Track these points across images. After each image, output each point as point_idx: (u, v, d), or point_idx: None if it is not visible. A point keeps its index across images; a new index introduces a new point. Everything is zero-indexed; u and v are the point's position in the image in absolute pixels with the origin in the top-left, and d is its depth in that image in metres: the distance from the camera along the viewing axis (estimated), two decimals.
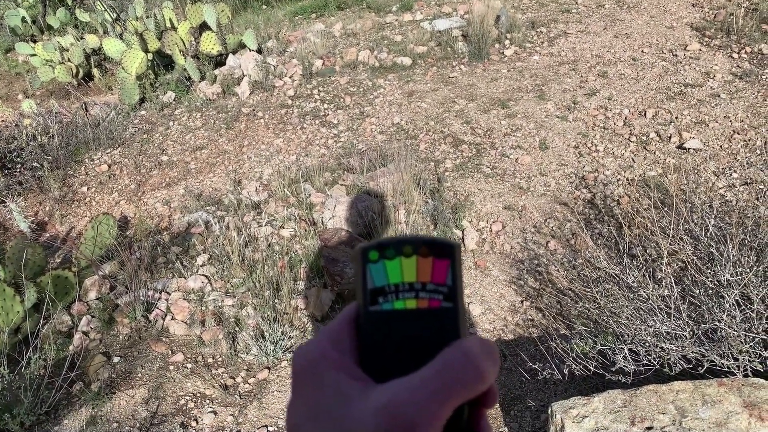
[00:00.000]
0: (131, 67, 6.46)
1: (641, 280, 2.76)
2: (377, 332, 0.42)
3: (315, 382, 0.40)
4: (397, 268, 0.42)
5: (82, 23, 8.98)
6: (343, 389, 0.39)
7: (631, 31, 6.43)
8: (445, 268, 0.42)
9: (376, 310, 0.42)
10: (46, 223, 5.08)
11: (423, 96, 5.90)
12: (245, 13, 9.18)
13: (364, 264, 0.43)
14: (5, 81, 8.29)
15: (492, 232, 4.16)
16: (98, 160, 5.77)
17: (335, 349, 0.42)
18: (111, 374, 3.48)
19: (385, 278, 0.42)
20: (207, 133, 5.90)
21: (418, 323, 0.42)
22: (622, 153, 4.69)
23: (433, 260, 0.42)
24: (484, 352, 0.39)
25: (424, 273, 0.42)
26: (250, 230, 4.32)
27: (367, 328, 0.43)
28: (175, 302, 3.82)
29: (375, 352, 0.42)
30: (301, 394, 0.41)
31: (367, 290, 0.42)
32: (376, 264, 0.42)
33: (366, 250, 0.43)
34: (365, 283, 0.42)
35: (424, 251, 0.42)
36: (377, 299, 0.42)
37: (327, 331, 0.44)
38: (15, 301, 3.54)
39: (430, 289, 0.42)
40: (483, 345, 0.39)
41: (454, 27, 6.95)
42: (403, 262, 0.42)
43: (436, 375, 0.37)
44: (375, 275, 0.42)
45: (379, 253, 0.42)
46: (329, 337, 0.43)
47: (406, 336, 0.42)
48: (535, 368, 2.89)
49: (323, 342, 0.42)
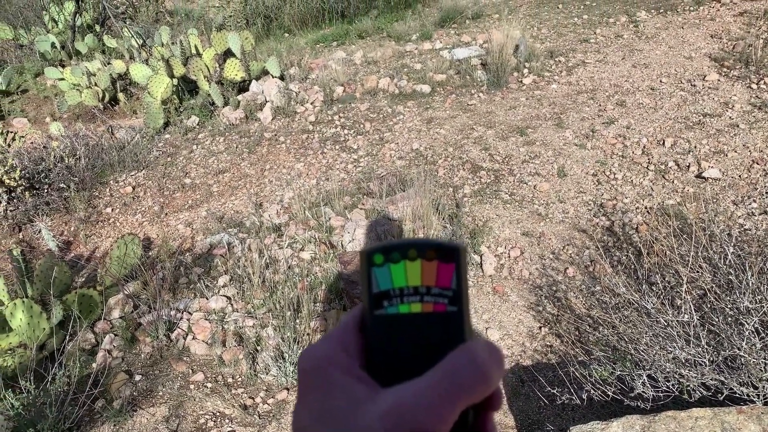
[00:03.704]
0: (157, 91, 6.63)
1: (660, 307, 2.77)
2: (382, 336, 0.42)
3: (321, 385, 0.40)
4: (402, 271, 0.42)
5: (109, 49, 9.23)
6: (350, 393, 0.39)
7: (650, 61, 6.49)
8: (450, 272, 0.42)
9: (381, 314, 0.42)
10: (71, 242, 5.19)
11: (442, 123, 5.98)
12: (268, 41, 9.38)
13: (369, 268, 0.43)
14: (34, 104, 8.51)
15: (510, 257, 4.19)
16: (123, 182, 5.89)
17: (341, 352, 0.42)
18: (133, 392, 3.52)
19: (390, 282, 0.42)
20: (229, 157, 6.02)
21: (423, 327, 0.42)
22: (640, 181, 4.72)
23: (437, 264, 0.42)
24: (489, 355, 0.39)
25: (429, 277, 0.42)
26: (270, 252, 4.38)
27: (373, 331, 0.43)
28: (197, 322, 3.88)
29: (380, 356, 0.42)
30: (307, 397, 0.41)
31: (372, 294, 0.42)
32: (381, 268, 0.42)
33: (371, 253, 0.43)
34: (370, 287, 0.43)
35: (429, 255, 0.42)
36: (382, 303, 0.42)
37: (333, 335, 0.44)
38: (42, 318, 3.62)
39: (435, 293, 0.42)
40: (488, 348, 0.40)
41: (473, 56, 7.06)
42: (408, 266, 0.42)
43: (442, 379, 0.37)
44: (380, 279, 0.42)
45: (384, 257, 0.42)
46: (335, 340, 0.43)
47: (411, 340, 0.42)
48: (554, 393, 2.90)
49: (329, 346, 0.42)
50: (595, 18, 7.89)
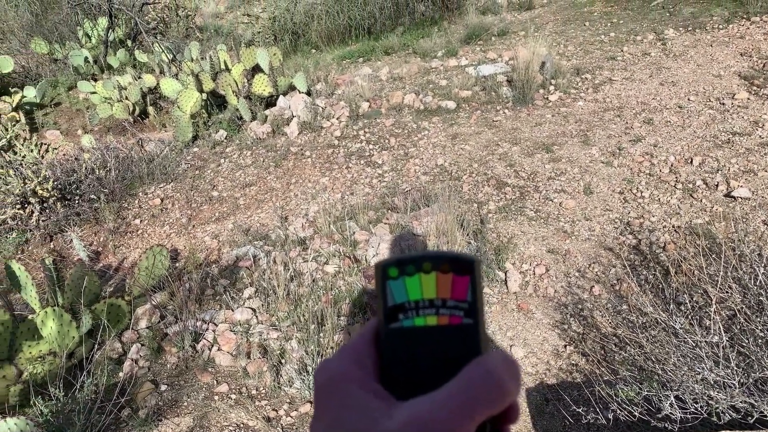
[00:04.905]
0: (186, 105, 6.75)
1: (689, 327, 2.74)
2: (398, 349, 0.42)
3: (337, 399, 0.40)
4: (417, 284, 0.42)
5: (140, 63, 9.43)
6: (366, 406, 0.39)
7: (678, 78, 6.45)
8: (466, 284, 0.42)
9: (396, 327, 0.42)
10: (100, 252, 5.28)
11: (467, 139, 5.99)
12: (295, 57, 9.51)
13: (384, 281, 0.43)
14: (66, 117, 8.71)
15: (535, 275, 4.17)
16: (152, 194, 6.00)
17: (357, 366, 0.42)
18: (158, 402, 3.56)
19: (405, 295, 0.42)
20: (256, 171, 6.09)
21: (438, 340, 0.41)
22: (668, 200, 4.67)
23: (453, 276, 0.42)
24: (506, 368, 0.39)
25: (444, 289, 0.42)
26: (295, 265, 4.42)
27: (388, 345, 0.42)
28: (222, 333, 3.92)
29: (396, 369, 0.42)
30: (323, 411, 0.41)
31: (387, 307, 0.42)
32: (396, 281, 0.42)
33: (386, 266, 0.43)
34: (385, 300, 0.42)
35: (444, 267, 0.42)
36: (397, 316, 0.42)
37: (348, 349, 0.43)
38: (71, 327, 3.69)
39: (450, 306, 0.42)
40: (505, 361, 0.39)
41: (499, 72, 7.08)
42: (423, 279, 0.42)
43: (459, 392, 0.37)
44: (395, 292, 0.42)
45: (399, 270, 0.42)
46: (350, 354, 0.43)
47: (427, 353, 0.42)
48: (579, 412, 2.87)
49: (345, 359, 0.42)
50: (622, 35, 7.87)
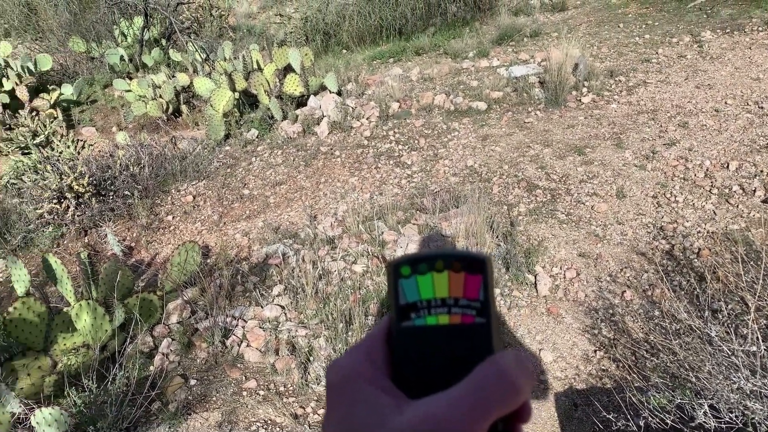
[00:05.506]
0: (219, 104, 6.83)
1: (724, 335, 2.68)
2: (410, 348, 0.42)
3: (349, 397, 0.40)
4: (429, 283, 0.42)
5: (174, 62, 9.57)
6: (378, 405, 0.39)
7: (714, 82, 6.32)
8: (478, 283, 0.42)
9: (408, 326, 0.42)
10: (132, 247, 5.37)
11: (497, 140, 5.96)
12: (326, 57, 9.55)
13: (396, 279, 0.42)
14: (102, 114, 8.89)
15: (566, 278, 4.13)
16: (184, 191, 6.08)
17: (368, 364, 0.42)
18: (188, 396, 3.61)
19: (417, 294, 0.42)
20: (286, 170, 6.14)
21: (451, 339, 0.41)
22: (702, 205, 4.58)
23: (465, 275, 0.42)
24: (518, 367, 0.39)
25: (457, 288, 0.42)
26: (324, 264, 4.44)
27: (400, 343, 0.42)
28: (251, 330, 3.95)
29: (408, 368, 0.42)
30: (336, 409, 0.41)
31: (399, 306, 0.42)
32: (408, 279, 0.42)
33: (398, 265, 0.42)
34: (397, 299, 0.42)
35: (457, 266, 0.42)
36: (410, 315, 0.42)
37: (360, 347, 0.43)
38: (105, 320, 3.75)
39: (462, 305, 0.42)
40: (517, 360, 0.39)
41: (531, 74, 7.02)
42: (435, 278, 0.42)
43: (472, 391, 0.37)
44: (407, 291, 0.42)
45: (411, 269, 0.42)
46: (363, 352, 0.43)
47: (439, 352, 0.41)
48: (609, 419, 2.83)
49: (357, 357, 0.42)
50: (657, 38, 7.74)
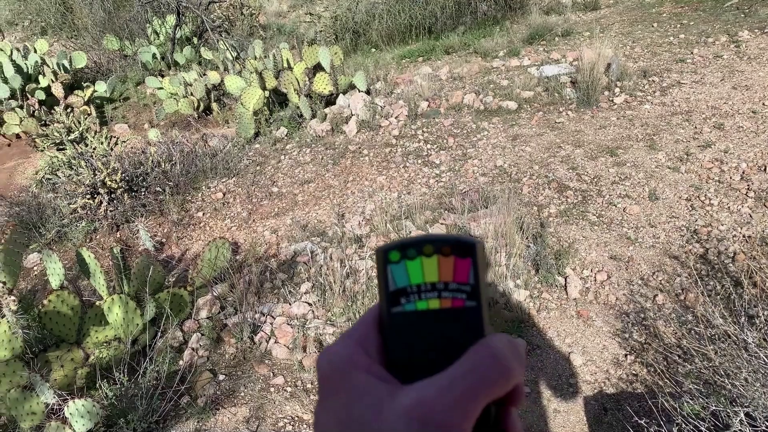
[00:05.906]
0: (249, 102, 6.88)
1: (762, 342, 2.62)
2: (401, 333, 0.42)
3: (342, 385, 0.40)
4: (419, 268, 0.41)
5: (205, 60, 9.67)
6: (371, 391, 0.39)
7: (752, 83, 6.18)
8: (468, 267, 0.41)
9: (398, 312, 0.42)
10: (163, 243, 5.45)
11: (527, 140, 5.90)
12: (355, 56, 9.56)
13: (385, 265, 0.42)
14: (134, 111, 9.02)
15: (596, 281, 4.07)
16: (214, 188, 6.14)
17: (360, 352, 0.41)
18: (216, 391, 3.65)
19: (407, 279, 0.42)
20: (315, 168, 6.16)
21: (441, 323, 0.41)
22: (738, 208, 4.48)
23: (454, 259, 0.41)
24: (510, 349, 0.39)
25: (446, 272, 0.41)
26: (351, 262, 4.44)
27: (391, 329, 0.42)
28: (279, 326, 3.98)
29: (400, 353, 0.42)
30: (328, 397, 0.41)
31: (389, 291, 0.42)
32: (398, 265, 0.42)
33: (387, 251, 0.42)
34: (387, 285, 0.42)
35: (446, 250, 0.41)
36: (399, 300, 0.42)
37: (351, 334, 0.43)
38: (136, 314, 3.81)
39: (452, 289, 0.41)
40: (509, 343, 0.39)
41: (563, 73, 6.94)
42: (425, 262, 0.41)
43: (465, 374, 0.37)
44: (396, 276, 0.42)
45: (400, 254, 0.42)
46: (354, 340, 0.42)
47: (430, 336, 0.41)
48: (641, 424, 2.79)
49: (348, 345, 0.42)
50: (692, 37, 7.59)
